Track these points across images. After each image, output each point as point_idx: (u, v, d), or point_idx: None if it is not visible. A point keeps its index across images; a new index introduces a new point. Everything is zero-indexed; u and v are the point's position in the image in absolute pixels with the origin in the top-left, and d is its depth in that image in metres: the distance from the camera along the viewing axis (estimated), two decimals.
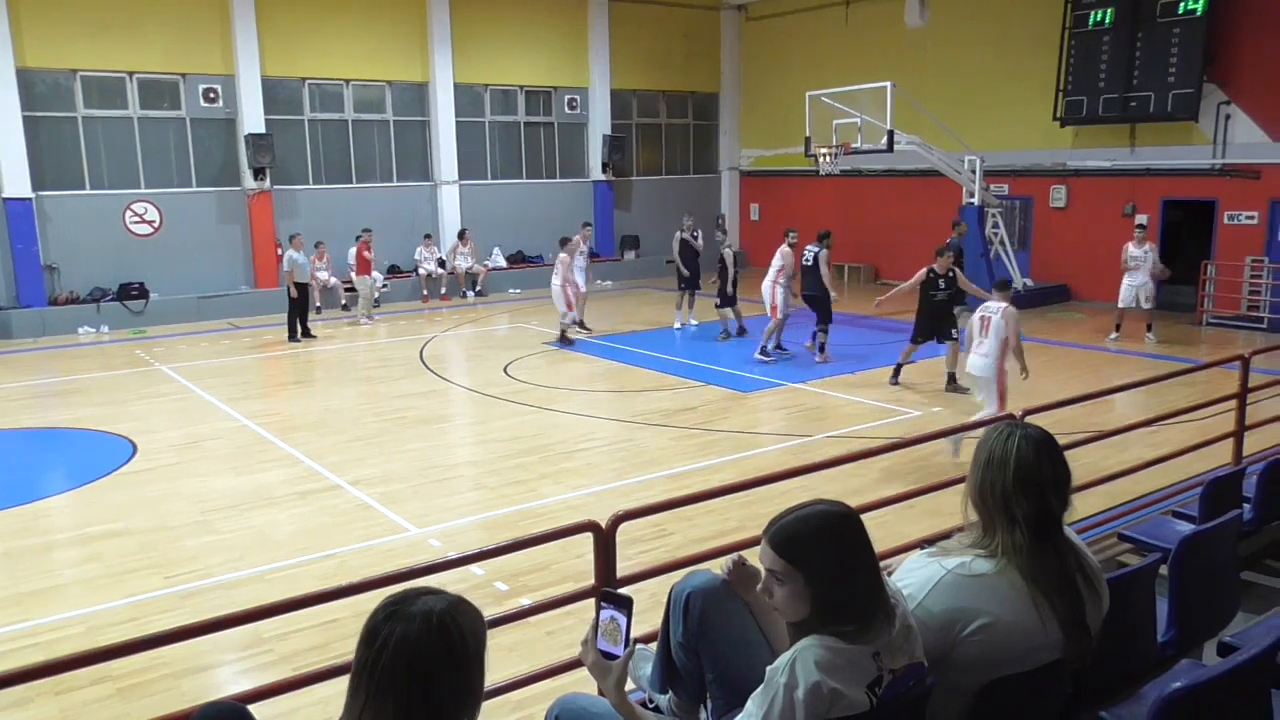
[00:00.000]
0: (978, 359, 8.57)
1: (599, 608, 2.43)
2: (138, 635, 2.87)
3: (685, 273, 15.73)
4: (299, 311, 15.87)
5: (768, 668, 2.23)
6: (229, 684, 5.15)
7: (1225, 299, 16.13)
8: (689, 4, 23.91)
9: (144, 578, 6.59)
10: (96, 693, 5.00)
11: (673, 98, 24.62)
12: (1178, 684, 2.12)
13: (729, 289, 14.80)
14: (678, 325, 16.12)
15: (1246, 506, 4.73)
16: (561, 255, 14.98)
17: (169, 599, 6.24)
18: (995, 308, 8.64)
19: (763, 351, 13.22)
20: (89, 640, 5.46)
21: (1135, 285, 14.19)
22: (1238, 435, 6.84)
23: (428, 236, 20.30)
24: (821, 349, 13.34)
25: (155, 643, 2.85)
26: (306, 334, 15.95)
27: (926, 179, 19.18)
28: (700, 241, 15.90)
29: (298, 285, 15.72)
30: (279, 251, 18.79)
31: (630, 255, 23.37)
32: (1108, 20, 16.90)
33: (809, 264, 13.31)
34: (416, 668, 1.66)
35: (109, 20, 16.99)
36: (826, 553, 2.21)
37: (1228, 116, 16.00)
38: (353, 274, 18.09)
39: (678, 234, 15.74)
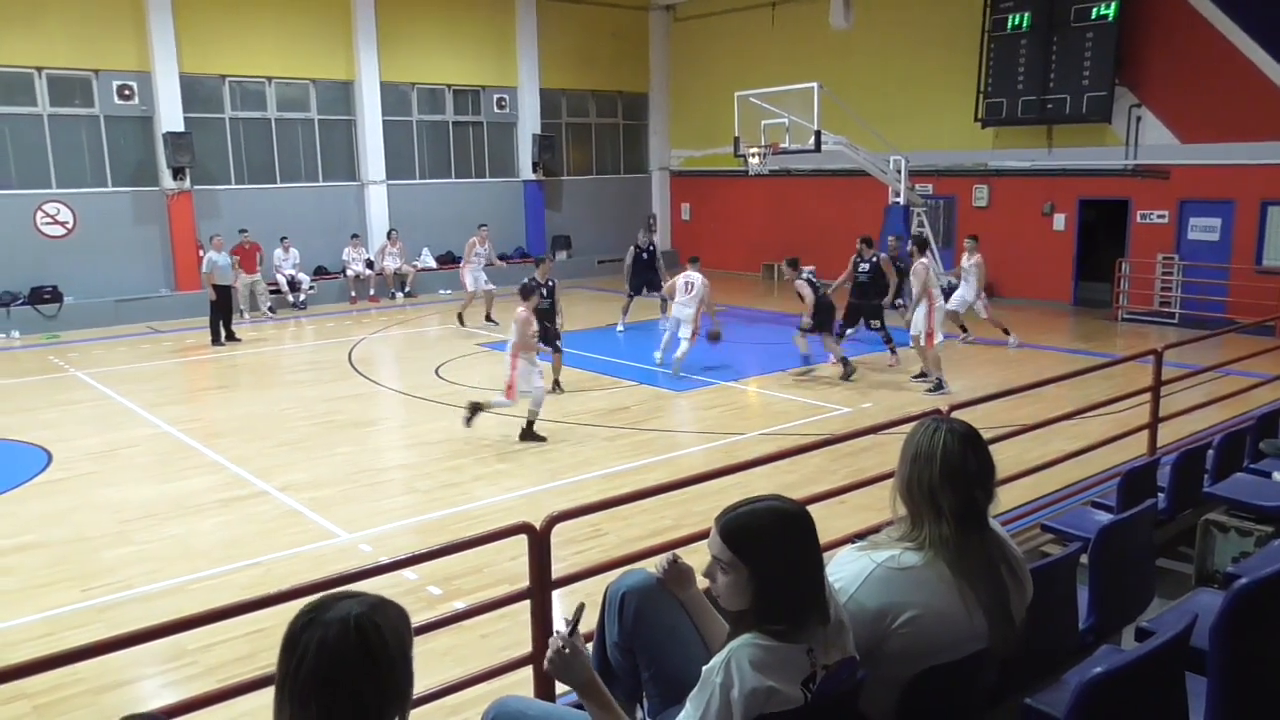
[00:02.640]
0: None
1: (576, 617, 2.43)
2: (54, 651, 2.77)
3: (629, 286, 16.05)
4: (221, 314, 15.45)
5: (703, 667, 2.24)
6: (151, 698, 5.01)
7: (1139, 295, 16.69)
8: (617, 4, 23.91)
9: (59, 591, 6.36)
10: (12, 712, 4.82)
11: (602, 97, 24.60)
12: (1098, 669, 2.18)
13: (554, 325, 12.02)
14: (620, 328, 15.95)
15: (1161, 496, 4.90)
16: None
17: (86, 613, 6.04)
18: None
19: (938, 385, 11.47)
20: (2, 657, 5.25)
21: (967, 297, 14.32)
22: (1152, 427, 7.08)
23: (355, 237, 19.98)
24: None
25: (73, 658, 2.75)
26: (230, 337, 15.56)
27: (853, 179, 19.46)
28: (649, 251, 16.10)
29: (218, 287, 15.31)
30: (200, 253, 18.37)
31: (562, 255, 23.27)
32: (1025, 24, 17.37)
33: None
34: (338, 674, 1.65)
35: (11, 13, 16.34)
36: (773, 549, 2.22)
37: (1139, 119, 16.56)
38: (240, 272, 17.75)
39: (631, 248, 16.20)
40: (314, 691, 1.64)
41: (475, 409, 9.71)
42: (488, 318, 16.92)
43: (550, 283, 12.16)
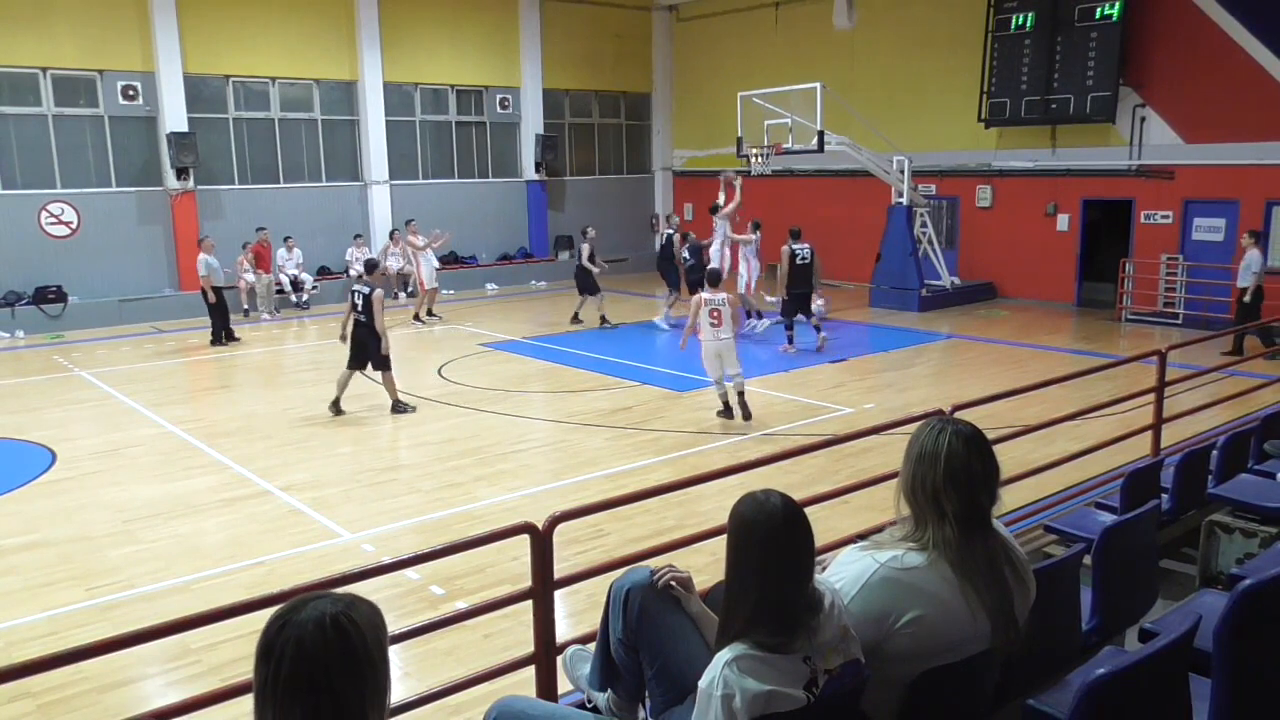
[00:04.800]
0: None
1: None
2: (58, 650, 2.77)
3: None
4: (220, 315, 15.35)
5: (699, 682, 2.24)
6: (155, 697, 5.01)
7: (1142, 296, 16.66)
8: (620, 4, 23.92)
9: (63, 590, 6.38)
10: (16, 710, 4.82)
11: (605, 97, 24.61)
12: (1101, 670, 2.17)
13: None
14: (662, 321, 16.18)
15: (1165, 496, 4.89)
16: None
17: (90, 611, 6.05)
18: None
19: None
20: (6, 656, 5.27)
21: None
22: (1156, 428, 7.07)
23: (358, 237, 19.99)
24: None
25: (76, 657, 2.76)
26: (230, 338, 15.55)
27: (856, 179, 19.46)
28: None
29: (215, 289, 15.11)
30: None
31: (564, 256, 23.27)
32: (1029, 24, 17.35)
33: (806, 261, 14.07)
34: (318, 674, 1.63)
35: (17, 13, 16.37)
36: (744, 539, 2.29)
37: (1143, 119, 16.53)
38: (250, 273, 17.89)
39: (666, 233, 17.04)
40: (296, 694, 1.62)
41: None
42: (429, 313, 17.48)
43: (369, 291, 10.98)
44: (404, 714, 3.27)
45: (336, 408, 10.90)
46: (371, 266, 11.96)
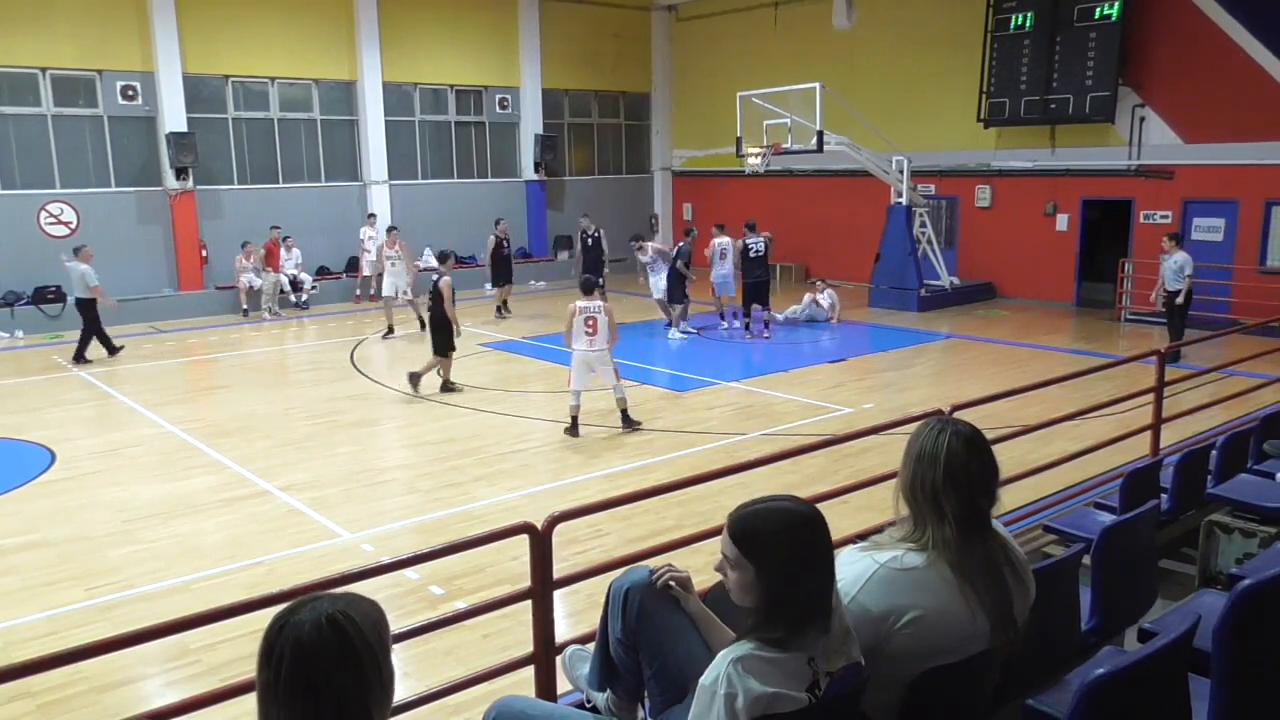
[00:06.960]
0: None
1: None
2: (57, 650, 2.77)
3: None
4: (97, 328, 14.07)
5: (699, 680, 2.23)
6: (155, 697, 5.01)
7: (1142, 296, 16.63)
8: (619, 4, 23.92)
9: (63, 590, 6.38)
10: (15, 710, 4.83)
11: (604, 97, 24.61)
12: (1100, 670, 2.17)
13: None
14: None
15: (1164, 496, 4.89)
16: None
17: (89, 611, 6.05)
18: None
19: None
20: (6, 656, 5.27)
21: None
22: (1155, 428, 7.07)
23: (372, 215, 19.79)
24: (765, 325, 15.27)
25: (76, 657, 2.75)
26: (112, 350, 14.24)
27: (856, 179, 19.46)
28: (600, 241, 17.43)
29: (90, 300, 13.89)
30: (203, 253, 18.41)
31: (564, 255, 23.28)
32: (1028, 24, 17.35)
33: (760, 254, 14.81)
34: (316, 674, 1.63)
35: (17, 13, 16.37)
36: (779, 552, 2.21)
37: (1142, 119, 16.54)
38: (255, 272, 17.93)
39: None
40: (297, 695, 1.63)
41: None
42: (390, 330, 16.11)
43: (438, 278, 12.19)
44: (404, 714, 3.27)
45: (446, 386, 11.87)
46: (444, 257, 12.53)
